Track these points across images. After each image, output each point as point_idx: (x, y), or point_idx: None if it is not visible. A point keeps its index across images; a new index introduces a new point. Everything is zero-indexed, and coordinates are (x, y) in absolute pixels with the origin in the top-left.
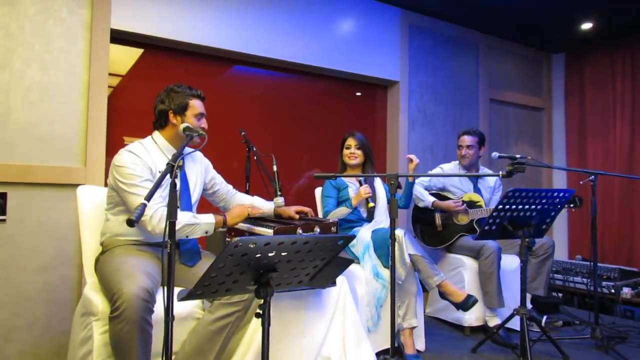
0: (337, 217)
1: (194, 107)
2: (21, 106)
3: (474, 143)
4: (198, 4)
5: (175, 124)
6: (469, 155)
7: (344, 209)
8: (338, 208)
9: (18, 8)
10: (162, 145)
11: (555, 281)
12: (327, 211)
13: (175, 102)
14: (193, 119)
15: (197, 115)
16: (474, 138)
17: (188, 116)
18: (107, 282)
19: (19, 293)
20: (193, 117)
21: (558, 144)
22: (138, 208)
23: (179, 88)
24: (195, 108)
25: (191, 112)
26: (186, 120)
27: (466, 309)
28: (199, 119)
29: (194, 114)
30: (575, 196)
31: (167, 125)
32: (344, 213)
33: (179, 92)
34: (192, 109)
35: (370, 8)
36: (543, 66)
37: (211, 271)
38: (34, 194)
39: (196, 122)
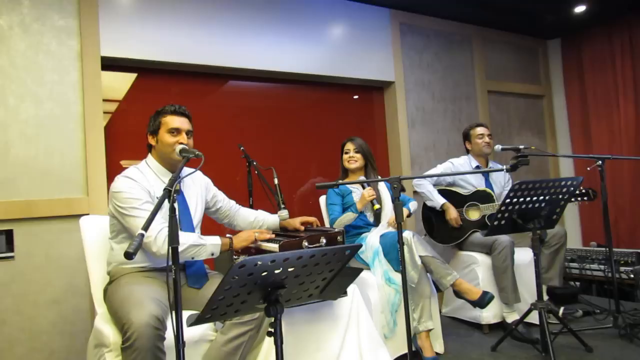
0: (344, 224)
1: (166, 123)
2: (19, 141)
3: (489, 132)
4: (185, 24)
5: (153, 144)
6: (491, 143)
7: (350, 214)
8: (344, 215)
9: (8, 44)
10: (154, 168)
11: (572, 270)
12: (333, 219)
13: (152, 123)
14: (166, 136)
15: (170, 131)
16: (488, 128)
17: (161, 134)
18: (117, 313)
19: (33, 327)
20: (166, 133)
21: (561, 130)
22: (135, 239)
23: (160, 109)
24: (167, 124)
25: (164, 129)
26: (159, 138)
27: (483, 306)
28: (173, 134)
29: (167, 130)
30: (589, 189)
31: (151, 148)
32: (350, 219)
33: (157, 112)
34: (164, 125)
35: (358, 11)
36: (539, 53)
37: (218, 294)
38: (40, 228)
39: (170, 138)
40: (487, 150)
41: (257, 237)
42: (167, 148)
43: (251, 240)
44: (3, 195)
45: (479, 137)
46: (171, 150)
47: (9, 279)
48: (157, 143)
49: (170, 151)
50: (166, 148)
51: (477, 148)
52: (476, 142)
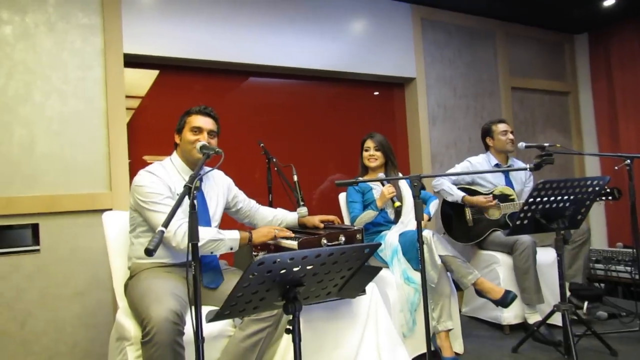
0: (365, 222)
1: (190, 121)
2: (44, 137)
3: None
4: (207, 21)
5: (178, 142)
6: (514, 139)
7: (371, 212)
8: (364, 212)
9: (34, 42)
10: (177, 165)
11: (597, 271)
12: (353, 217)
13: (179, 122)
14: (188, 134)
15: (192, 129)
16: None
17: (184, 132)
18: (137, 307)
19: (58, 319)
20: (188, 131)
21: (587, 128)
22: (155, 236)
23: (190, 108)
24: (191, 122)
25: (187, 127)
26: (182, 136)
27: (506, 305)
28: (194, 132)
29: (189, 128)
30: (614, 188)
31: (177, 145)
32: (371, 217)
33: (185, 111)
34: (188, 123)
35: (379, 6)
36: (565, 48)
37: (237, 291)
38: (64, 223)
39: (191, 136)
40: (510, 147)
41: (277, 234)
42: (187, 145)
43: (271, 236)
44: (29, 190)
45: (503, 134)
46: (191, 147)
47: (34, 271)
48: (181, 141)
49: (191, 148)
50: (187, 145)
51: (501, 145)
52: (499, 139)
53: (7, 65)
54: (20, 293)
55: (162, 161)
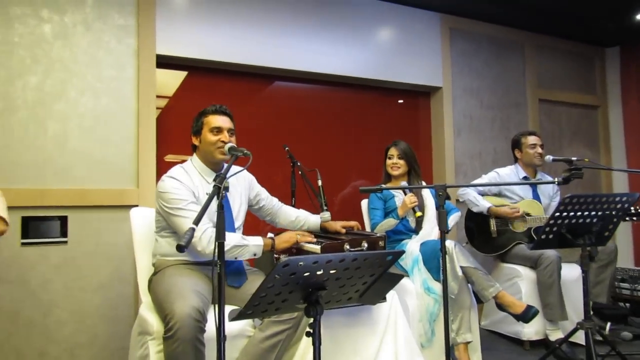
0: (385, 230)
1: (208, 122)
2: (77, 133)
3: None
4: (237, 25)
5: (197, 144)
6: (543, 154)
7: (391, 220)
8: (385, 220)
9: (72, 41)
10: (199, 167)
11: (622, 290)
12: (374, 224)
13: (196, 124)
14: (209, 135)
15: (212, 130)
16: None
17: (204, 133)
18: (160, 303)
19: (80, 311)
20: (208, 133)
21: (616, 143)
22: (187, 233)
23: (203, 109)
24: (209, 123)
25: (206, 129)
26: (202, 138)
27: (527, 321)
28: (215, 133)
29: (209, 129)
30: None
31: (196, 148)
32: (391, 225)
33: (201, 112)
34: (207, 124)
35: (408, 15)
36: (596, 62)
37: (260, 291)
38: (92, 216)
39: (212, 137)
40: (538, 162)
41: (299, 239)
42: (209, 147)
43: (293, 242)
44: (60, 183)
45: (531, 147)
46: (214, 148)
47: (61, 263)
48: (201, 143)
49: (213, 150)
50: (209, 147)
51: (528, 158)
52: (527, 152)
53: (45, 62)
54: (46, 283)
55: (183, 164)
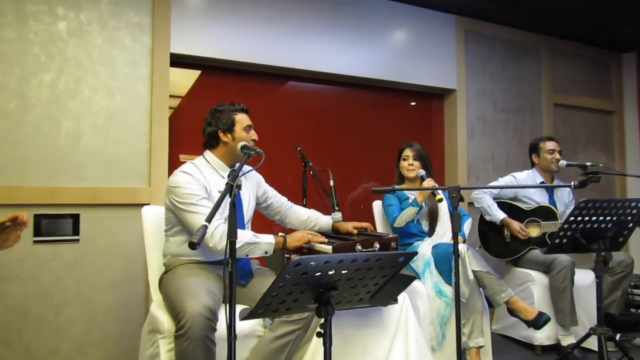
0: (406, 220)
1: (240, 121)
2: (90, 131)
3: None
4: (251, 25)
5: (227, 141)
6: (560, 159)
7: (411, 209)
8: (404, 210)
9: (86, 38)
10: (215, 164)
11: (635, 297)
12: (393, 217)
13: (222, 121)
14: (242, 133)
15: (245, 128)
16: (559, 144)
17: (237, 131)
18: (171, 301)
19: (91, 309)
20: (242, 130)
21: (631, 149)
22: (199, 230)
23: (222, 107)
24: (242, 122)
25: (239, 127)
26: (236, 135)
27: (538, 327)
28: (247, 131)
29: (243, 127)
30: None
31: (218, 144)
32: (412, 214)
33: (222, 110)
34: (240, 123)
35: (423, 16)
36: (612, 67)
37: (272, 290)
38: (104, 215)
39: (246, 134)
40: (555, 167)
41: (311, 239)
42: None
43: (304, 241)
44: (73, 181)
45: (549, 152)
46: None
47: (73, 261)
48: (234, 140)
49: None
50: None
51: (545, 163)
52: (545, 157)
53: (59, 60)
54: (58, 281)
55: (194, 160)
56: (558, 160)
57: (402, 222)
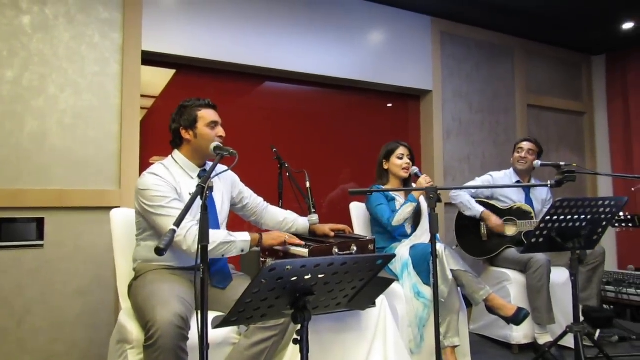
0: (405, 217)
1: (203, 117)
2: (56, 131)
3: (533, 149)
4: (226, 23)
5: (189, 139)
6: (528, 160)
7: (409, 205)
8: (402, 207)
9: (52, 34)
10: (182, 163)
11: (607, 293)
12: (389, 217)
13: (184, 117)
14: (206, 129)
15: (209, 125)
16: (534, 145)
17: (199, 128)
18: (141, 309)
19: (57, 318)
20: (205, 127)
21: (602, 149)
22: (167, 235)
23: (187, 102)
24: (205, 118)
25: (202, 123)
26: (198, 132)
27: (518, 323)
28: (212, 127)
29: (206, 124)
30: (635, 215)
31: (182, 142)
32: (410, 210)
33: (187, 106)
34: (202, 119)
35: (399, 17)
36: (582, 69)
37: (245, 297)
38: (71, 218)
39: (210, 131)
40: (519, 166)
41: (288, 240)
42: (206, 142)
43: (281, 241)
44: (37, 183)
45: (518, 151)
46: (209, 143)
47: (36, 267)
48: (196, 137)
49: (209, 145)
50: (207, 142)
51: (514, 161)
52: (514, 155)
53: (23, 55)
54: (20, 289)
55: (163, 161)
56: (524, 158)
57: (402, 220)
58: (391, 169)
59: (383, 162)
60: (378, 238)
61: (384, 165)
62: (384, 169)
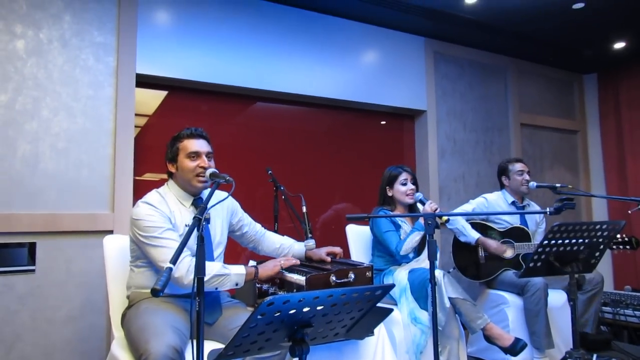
0: (413, 245)
1: (184, 148)
2: (49, 154)
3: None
4: (219, 46)
5: (173, 172)
6: (530, 180)
7: (417, 234)
8: (410, 236)
9: (46, 57)
10: (176, 192)
11: (604, 314)
12: (398, 245)
13: (170, 149)
14: (185, 161)
15: (189, 155)
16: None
17: (180, 160)
18: (134, 340)
19: (48, 344)
20: (185, 159)
21: (595, 167)
22: (163, 274)
23: (176, 134)
24: (186, 149)
25: (182, 155)
26: (179, 165)
27: (515, 354)
28: (192, 158)
29: (185, 155)
30: (632, 237)
31: (172, 175)
32: (417, 239)
33: (174, 137)
34: (183, 150)
35: (392, 38)
36: (575, 87)
37: (243, 331)
38: (62, 243)
39: (189, 163)
40: (525, 189)
41: (283, 265)
42: (188, 174)
43: (277, 271)
44: (29, 208)
45: (519, 174)
46: (192, 176)
47: (27, 293)
48: (177, 170)
49: (192, 177)
50: (187, 174)
51: (515, 185)
52: (515, 179)
53: (16, 80)
54: (11, 315)
55: (159, 189)
56: (528, 181)
57: (410, 249)
58: (395, 196)
59: (387, 188)
60: (378, 261)
61: (387, 192)
62: (388, 195)
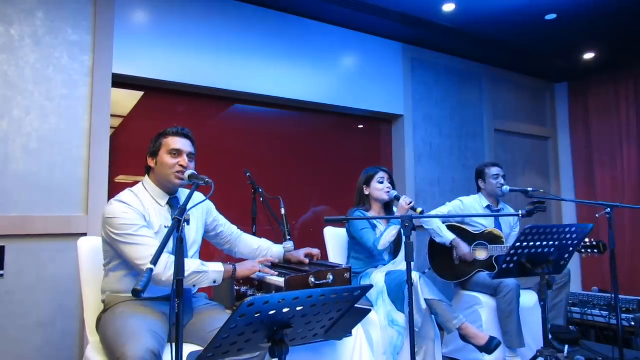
0: (390, 240)
1: (167, 144)
2: (20, 155)
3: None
4: (197, 47)
5: (152, 166)
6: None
7: (393, 228)
8: (386, 231)
9: (17, 55)
10: (151, 190)
11: (573, 314)
12: (374, 241)
13: (152, 145)
14: (166, 157)
15: (170, 152)
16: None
17: (160, 155)
18: (110, 345)
19: (17, 352)
20: (166, 154)
21: (565, 173)
22: (144, 275)
23: (164, 130)
24: (168, 145)
25: (164, 150)
26: (159, 160)
27: (490, 352)
28: (173, 155)
29: (167, 151)
30: (600, 241)
31: (150, 169)
32: (394, 233)
33: (159, 133)
34: (165, 146)
35: (371, 43)
36: (546, 95)
37: (223, 332)
38: (33, 246)
39: (170, 160)
40: (500, 193)
41: (262, 268)
42: (166, 169)
43: (255, 271)
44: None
45: (494, 178)
46: (170, 172)
47: None
48: (156, 165)
49: (169, 173)
50: (165, 169)
51: (491, 188)
52: (490, 183)
53: None
54: None
55: (132, 187)
56: (502, 185)
57: (387, 243)
58: (372, 194)
59: (363, 187)
60: (355, 263)
61: (364, 191)
62: (364, 194)
